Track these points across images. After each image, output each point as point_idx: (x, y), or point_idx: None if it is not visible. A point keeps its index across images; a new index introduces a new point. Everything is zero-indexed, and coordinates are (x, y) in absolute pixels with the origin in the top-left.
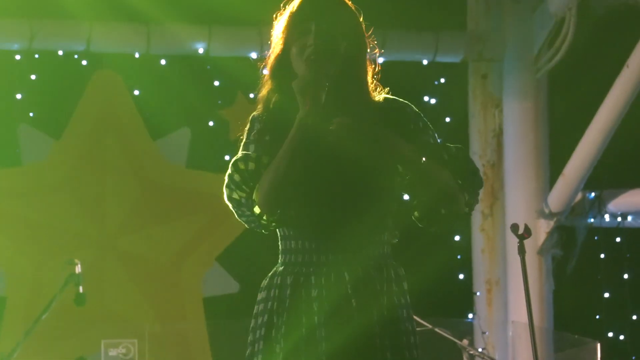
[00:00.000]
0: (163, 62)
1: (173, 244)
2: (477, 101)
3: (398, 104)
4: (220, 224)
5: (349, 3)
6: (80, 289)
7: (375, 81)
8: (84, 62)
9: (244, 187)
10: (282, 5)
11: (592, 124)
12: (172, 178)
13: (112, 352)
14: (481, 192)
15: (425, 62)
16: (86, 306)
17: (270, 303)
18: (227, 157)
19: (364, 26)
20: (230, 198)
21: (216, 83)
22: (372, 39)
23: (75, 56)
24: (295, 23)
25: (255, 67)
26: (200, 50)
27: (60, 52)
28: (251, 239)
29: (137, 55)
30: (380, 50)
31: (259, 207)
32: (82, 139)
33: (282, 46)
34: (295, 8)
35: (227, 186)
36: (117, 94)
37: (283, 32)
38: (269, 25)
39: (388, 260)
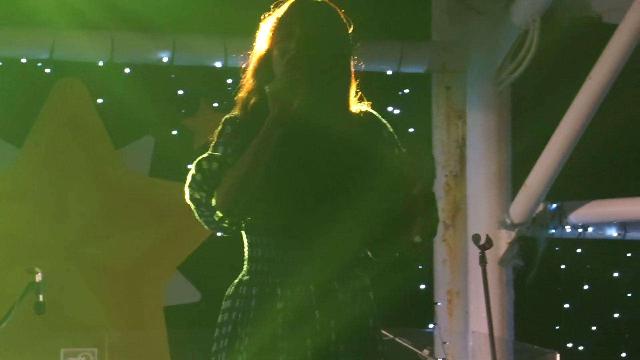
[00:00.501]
0: (127, 70)
1: (134, 252)
2: (440, 112)
3: (375, 121)
4: (183, 233)
5: (340, 12)
6: (41, 298)
7: (358, 92)
8: (48, 70)
9: (204, 186)
10: (272, 6)
11: (555, 136)
12: (135, 186)
13: None
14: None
15: (389, 72)
16: (46, 315)
17: (235, 314)
18: (190, 167)
19: (351, 37)
20: (192, 198)
21: (180, 92)
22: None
23: (39, 64)
24: (280, 25)
25: (219, 76)
26: (165, 59)
27: (24, 60)
28: (213, 248)
29: (101, 64)
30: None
31: (217, 208)
32: (44, 146)
33: (265, 47)
34: (283, 11)
35: (189, 185)
36: (80, 102)
37: (268, 34)
38: (233, 35)
39: (354, 271)
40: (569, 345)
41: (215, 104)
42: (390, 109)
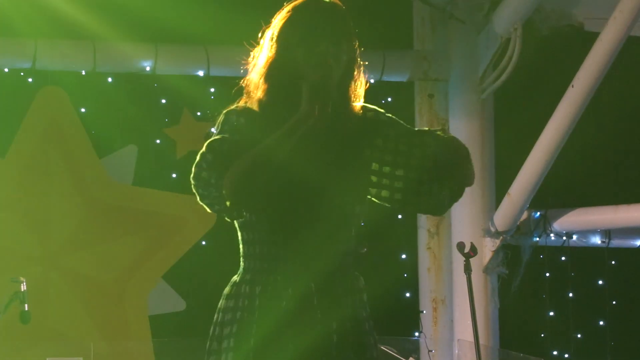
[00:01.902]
0: (109, 79)
1: (119, 261)
2: (423, 120)
3: (373, 114)
4: (167, 242)
5: (348, 18)
6: (26, 307)
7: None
8: (30, 80)
9: (216, 166)
10: (272, 20)
11: (538, 144)
12: (118, 196)
13: None
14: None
15: (372, 80)
16: (31, 324)
17: (239, 313)
18: (173, 175)
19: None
20: (198, 176)
21: (163, 101)
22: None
23: (21, 73)
24: (304, 29)
25: (201, 85)
26: (147, 68)
27: (6, 70)
28: (198, 257)
29: (83, 73)
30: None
31: (226, 190)
32: (27, 156)
33: (283, 50)
34: (304, 12)
35: (197, 165)
36: (63, 112)
37: (284, 37)
38: (215, 44)
39: (350, 270)
40: (554, 352)
41: (198, 113)
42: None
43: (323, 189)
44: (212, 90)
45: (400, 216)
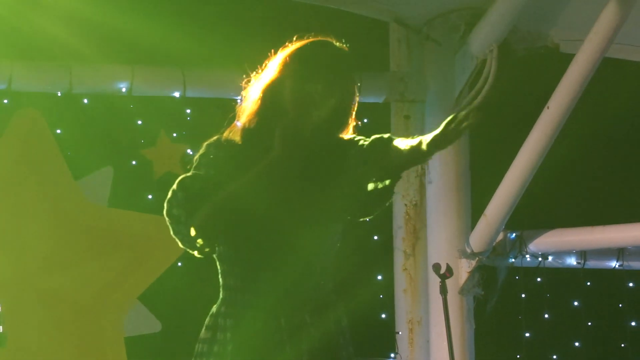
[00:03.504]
0: (85, 101)
1: (95, 283)
2: None
3: (351, 140)
4: (143, 263)
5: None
6: (1, 329)
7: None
8: (5, 101)
9: (185, 205)
10: (294, 38)
11: (513, 165)
12: (94, 217)
13: None
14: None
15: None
16: (7, 346)
17: (215, 347)
18: (150, 197)
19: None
20: (169, 213)
21: (139, 122)
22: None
23: None
24: (305, 67)
25: (178, 106)
26: (123, 90)
27: None
28: (174, 278)
29: (59, 94)
30: None
31: (195, 230)
32: (2, 177)
33: (275, 84)
34: (309, 51)
35: (168, 201)
36: (38, 133)
37: (280, 71)
38: (192, 65)
39: (328, 298)
40: None
41: (174, 134)
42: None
43: (294, 227)
44: (189, 111)
45: (376, 237)
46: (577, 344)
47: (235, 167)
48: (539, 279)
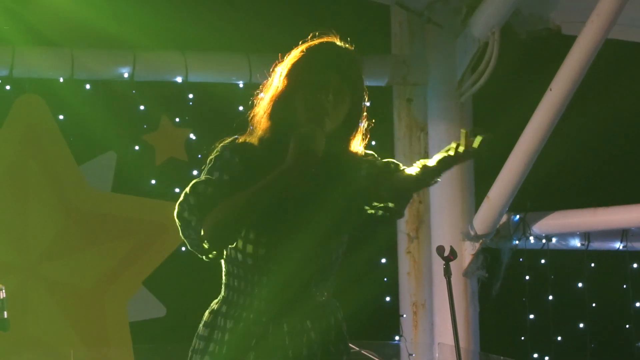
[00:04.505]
0: (87, 86)
1: (99, 268)
2: (402, 125)
3: (366, 159)
4: (147, 248)
5: (357, 55)
6: (5, 315)
7: (366, 130)
8: (8, 87)
9: (196, 210)
10: (300, 43)
11: (517, 147)
12: (97, 203)
13: None
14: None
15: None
16: (11, 332)
17: (212, 345)
18: (153, 182)
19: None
20: (180, 216)
21: (141, 108)
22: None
23: None
24: (313, 70)
25: (180, 92)
26: (125, 75)
27: None
28: (178, 263)
29: (61, 80)
30: None
31: (204, 234)
32: (5, 164)
33: (287, 91)
34: (315, 54)
35: (180, 204)
36: (41, 119)
37: (291, 77)
38: (194, 50)
39: (330, 304)
40: (535, 355)
41: (177, 119)
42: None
43: (302, 236)
44: (191, 96)
45: None
46: (581, 325)
47: (249, 176)
48: (542, 261)
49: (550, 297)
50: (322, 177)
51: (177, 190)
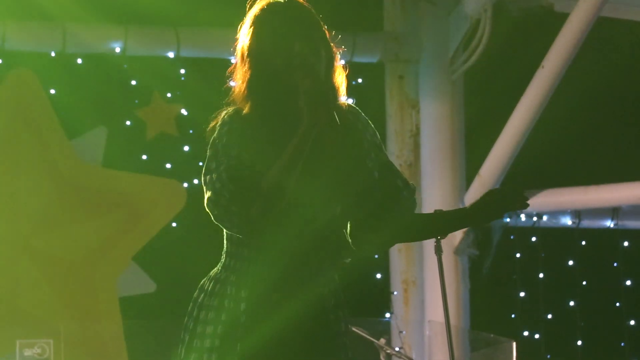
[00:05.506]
0: (79, 61)
1: (88, 243)
2: (394, 102)
3: (358, 123)
4: (137, 223)
5: (312, 10)
6: None
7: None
8: None
9: (238, 196)
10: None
11: (508, 125)
12: (88, 177)
13: (28, 352)
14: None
15: (342, 62)
16: (0, 306)
17: (224, 315)
18: (144, 157)
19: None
20: (216, 203)
21: (133, 82)
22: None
23: None
24: (273, 38)
25: (172, 67)
26: (117, 50)
27: None
28: (168, 238)
29: (53, 54)
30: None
31: (251, 218)
32: None
33: (259, 65)
34: (263, 24)
35: (216, 192)
36: (32, 93)
37: (256, 51)
38: (186, 25)
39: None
40: (525, 333)
41: (168, 95)
42: (343, 98)
43: (316, 200)
44: (183, 71)
45: None
46: (571, 303)
47: (264, 145)
48: (533, 239)
49: (541, 275)
50: (325, 135)
51: (168, 165)
